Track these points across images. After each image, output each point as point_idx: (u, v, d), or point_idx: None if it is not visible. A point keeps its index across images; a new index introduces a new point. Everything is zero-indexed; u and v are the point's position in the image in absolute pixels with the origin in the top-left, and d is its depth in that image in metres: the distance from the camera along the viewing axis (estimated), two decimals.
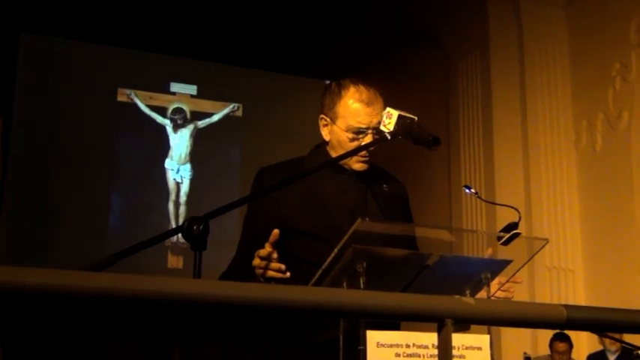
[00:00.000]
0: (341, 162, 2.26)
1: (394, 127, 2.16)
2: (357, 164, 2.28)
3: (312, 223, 2.21)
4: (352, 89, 2.28)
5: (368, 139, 2.24)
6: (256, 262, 2.02)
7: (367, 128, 2.24)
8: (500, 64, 6.76)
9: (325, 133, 2.34)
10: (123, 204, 7.13)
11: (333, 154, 2.30)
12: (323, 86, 2.42)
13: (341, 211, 2.23)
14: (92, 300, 1.19)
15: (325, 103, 2.34)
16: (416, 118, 2.18)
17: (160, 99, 7.46)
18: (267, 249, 2.00)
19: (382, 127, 2.19)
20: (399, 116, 2.17)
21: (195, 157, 7.43)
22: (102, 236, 6.84)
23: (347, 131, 2.25)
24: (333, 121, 2.29)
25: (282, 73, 7.68)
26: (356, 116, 2.25)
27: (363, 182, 2.32)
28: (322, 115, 2.34)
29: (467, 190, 2.35)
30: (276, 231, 2.01)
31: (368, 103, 2.25)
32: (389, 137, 2.16)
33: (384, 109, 2.23)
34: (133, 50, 7.24)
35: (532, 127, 6.61)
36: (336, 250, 1.76)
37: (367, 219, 1.78)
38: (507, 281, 2.10)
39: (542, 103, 6.66)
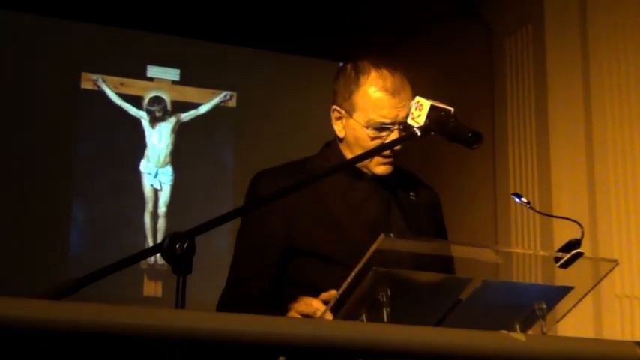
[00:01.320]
0: (358, 164, 2.25)
1: (425, 121, 2.16)
2: (379, 167, 2.28)
3: (322, 241, 2.21)
4: (374, 74, 2.27)
5: (393, 136, 2.23)
6: None
7: (393, 123, 2.23)
8: (557, 41, 6.74)
9: (339, 129, 2.33)
10: (88, 216, 7.14)
11: (349, 155, 2.30)
12: (336, 69, 2.40)
13: (359, 225, 2.23)
14: (51, 334, 1.19)
15: (339, 91, 2.33)
16: (452, 109, 2.19)
17: (134, 86, 7.47)
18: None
19: (410, 121, 2.19)
20: (432, 107, 2.17)
21: (178, 157, 7.43)
22: (62, 256, 6.85)
23: (367, 127, 2.24)
24: (350, 114, 2.28)
25: (286, 53, 7.67)
26: (379, 109, 2.24)
27: (385, 189, 2.32)
28: (335, 107, 2.33)
29: (516, 200, 2.35)
30: (332, 292, 1.95)
31: (394, 93, 2.24)
32: (419, 133, 2.16)
33: (413, 98, 2.23)
34: (101, 26, 7.26)
35: (598, 121, 6.58)
36: (353, 274, 1.76)
37: (392, 235, 1.78)
38: (562, 317, 2.08)
39: (610, 90, 6.64)
